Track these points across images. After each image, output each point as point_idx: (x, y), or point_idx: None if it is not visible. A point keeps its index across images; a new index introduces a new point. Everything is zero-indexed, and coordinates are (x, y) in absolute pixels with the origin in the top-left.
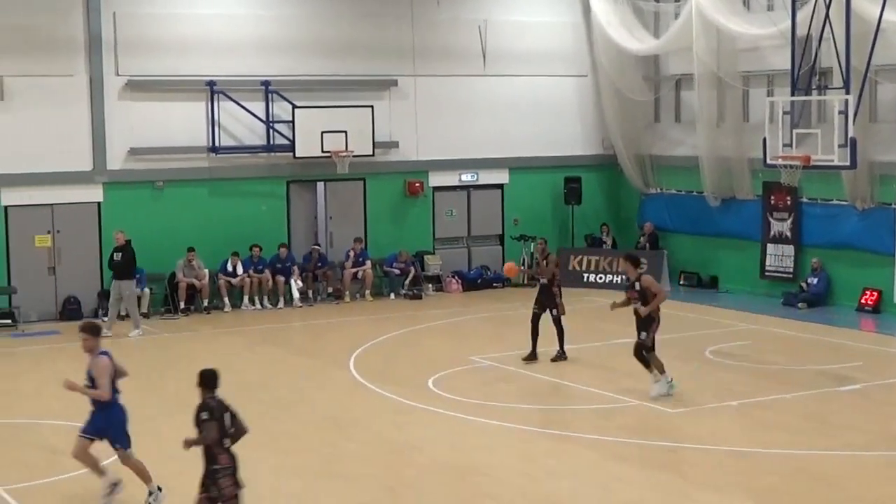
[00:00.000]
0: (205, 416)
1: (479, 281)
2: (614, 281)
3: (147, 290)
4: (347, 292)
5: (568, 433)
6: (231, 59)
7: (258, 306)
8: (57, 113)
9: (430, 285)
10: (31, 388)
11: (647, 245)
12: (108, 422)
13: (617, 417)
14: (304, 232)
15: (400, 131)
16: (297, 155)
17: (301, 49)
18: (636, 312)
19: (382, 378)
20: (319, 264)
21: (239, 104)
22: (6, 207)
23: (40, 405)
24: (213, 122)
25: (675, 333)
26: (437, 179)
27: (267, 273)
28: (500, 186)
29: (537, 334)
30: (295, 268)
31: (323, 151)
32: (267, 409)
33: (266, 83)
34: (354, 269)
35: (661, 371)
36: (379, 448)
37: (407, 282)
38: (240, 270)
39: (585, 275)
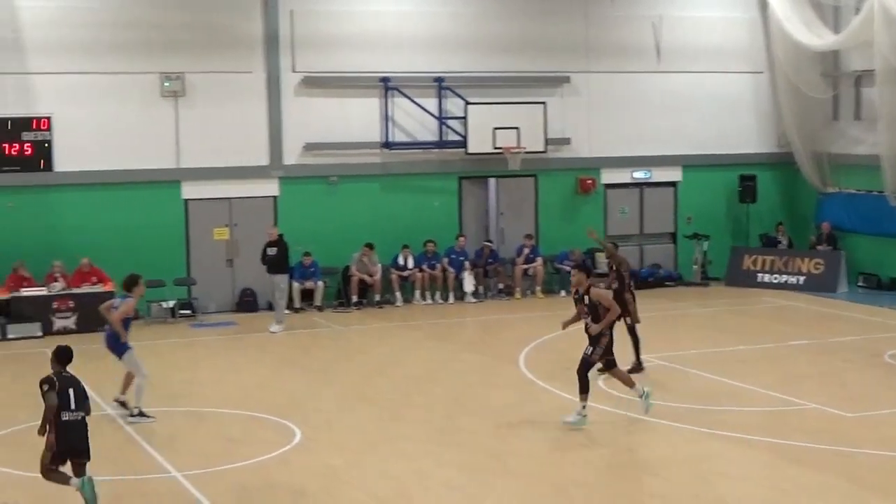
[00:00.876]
0: (46, 387)
1: (650, 279)
2: (789, 282)
3: (321, 284)
4: (518, 289)
5: (740, 435)
6: (405, 55)
7: (430, 301)
8: (235, 109)
9: (601, 283)
10: (209, 377)
11: (825, 245)
12: None
13: (791, 420)
14: (476, 228)
15: (572, 128)
16: (469, 151)
17: (474, 46)
18: (586, 329)
19: (552, 375)
20: (490, 260)
21: (412, 100)
22: (186, 201)
23: (218, 394)
24: (386, 118)
25: (853, 336)
26: (609, 177)
27: (439, 268)
28: (674, 184)
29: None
30: (467, 263)
31: (495, 148)
32: (435, 403)
33: (439, 80)
34: (525, 266)
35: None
36: (547, 445)
37: None
38: (410, 264)
39: (759, 275)
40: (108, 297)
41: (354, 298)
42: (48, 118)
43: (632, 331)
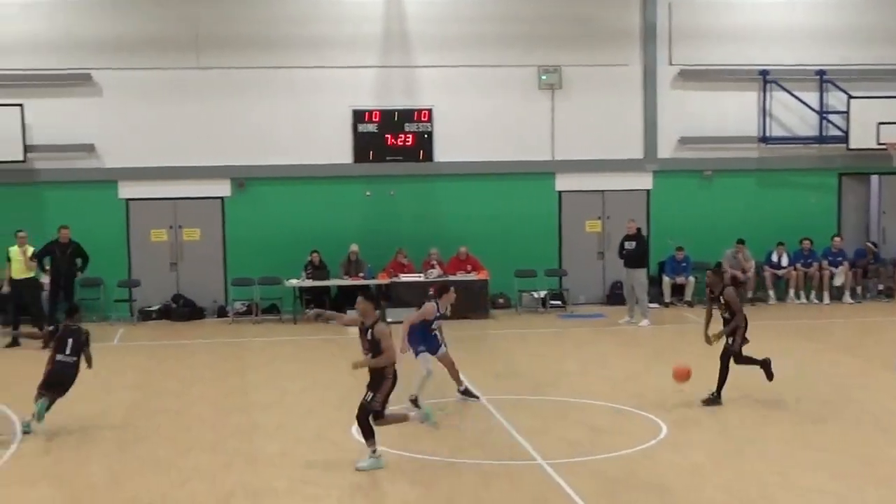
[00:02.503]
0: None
1: None
2: None
3: (692, 279)
4: None
5: None
6: (785, 47)
7: (804, 300)
8: (611, 102)
9: None
10: (577, 367)
11: None
12: None
13: None
14: (855, 226)
15: None
16: (850, 146)
17: (857, 37)
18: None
19: None
20: (872, 261)
21: (792, 94)
22: (559, 193)
23: (584, 384)
24: (764, 112)
25: None
26: None
27: (815, 266)
28: None
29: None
30: (846, 263)
31: (878, 144)
32: (804, 405)
33: (821, 72)
34: None
35: (371, 445)
36: None
37: None
38: (785, 262)
39: None
40: (482, 286)
41: None
42: (429, 110)
43: (725, 356)
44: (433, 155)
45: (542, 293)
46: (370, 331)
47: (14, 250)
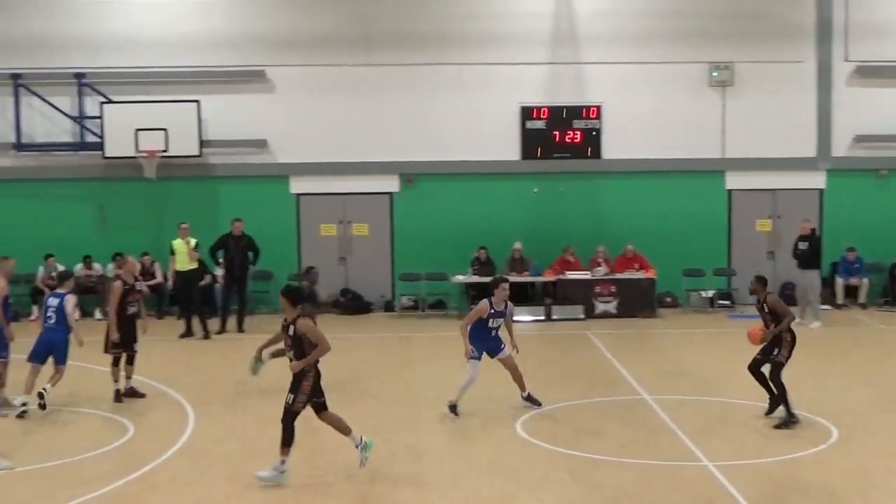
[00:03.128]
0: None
1: None
2: None
3: (866, 281)
4: None
5: None
6: None
7: None
8: (783, 99)
9: None
10: (745, 368)
11: None
12: None
13: None
14: None
15: None
16: None
17: None
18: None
19: None
20: None
21: None
22: (729, 191)
23: (752, 386)
24: None
25: None
26: None
27: None
28: None
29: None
30: None
31: None
32: None
33: None
34: None
35: (284, 455)
36: None
37: None
38: None
39: None
40: (649, 284)
41: None
42: (598, 107)
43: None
44: (601, 152)
45: (711, 293)
46: (292, 327)
47: (178, 243)
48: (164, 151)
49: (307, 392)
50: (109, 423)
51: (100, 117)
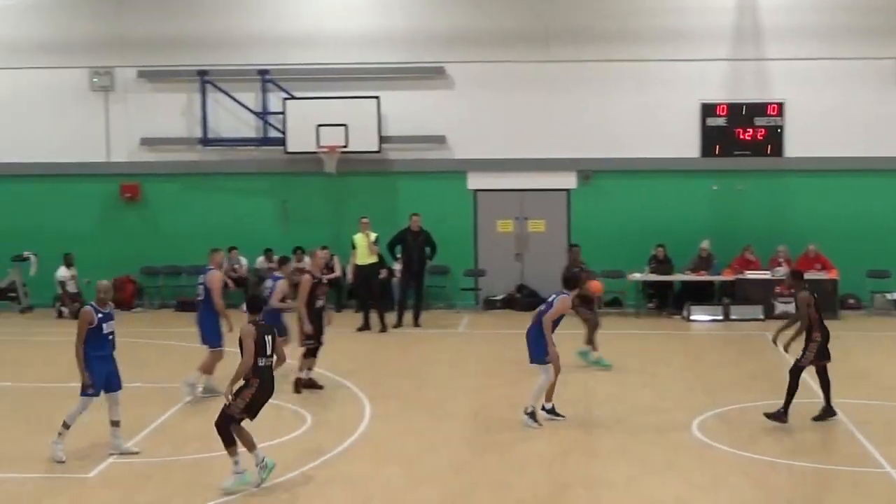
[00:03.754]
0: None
1: None
2: None
3: None
4: None
5: None
6: None
7: None
8: None
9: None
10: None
11: None
12: None
13: None
14: None
15: None
16: None
17: None
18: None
19: None
20: None
21: None
22: None
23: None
24: None
25: None
26: None
27: None
28: None
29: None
30: None
31: None
32: None
33: None
34: None
35: (234, 457)
36: None
37: None
38: None
39: None
40: (832, 286)
41: None
42: (780, 104)
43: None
44: (783, 150)
45: None
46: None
47: (358, 237)
48: (345, 147)
49: (247, 399)
50: (288, 413)
51: (282, 113)
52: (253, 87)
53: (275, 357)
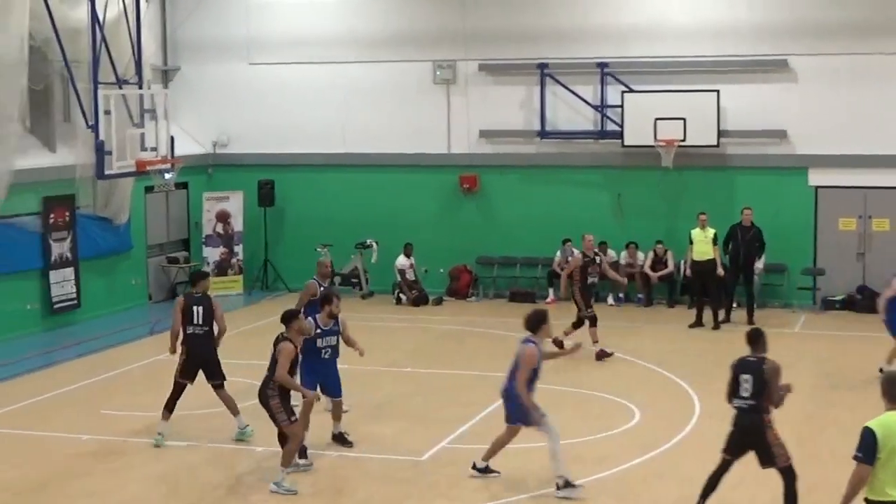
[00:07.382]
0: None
1: None
2: None
3: None
4: None
5: None
6: None
7: None
8: None
9: None
10: None
11: None
12: None
13: None
14: None
15: None
16: None
17: None
18: None
19: None
20: None
21: None
22: None
23: None
24: None
25: None
26: None
27: None
28: None
29: None
30: None
31: None
32: None
33: None
34: None
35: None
36: None
37: None
38: None
39: None
40: None
41: None
42: None
43: None
44: None
45: None
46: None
47: (696, 232)
48: (682, 141)
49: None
50: (617, 406)
51: (620, 106)
52: (591, 79)
53: None
